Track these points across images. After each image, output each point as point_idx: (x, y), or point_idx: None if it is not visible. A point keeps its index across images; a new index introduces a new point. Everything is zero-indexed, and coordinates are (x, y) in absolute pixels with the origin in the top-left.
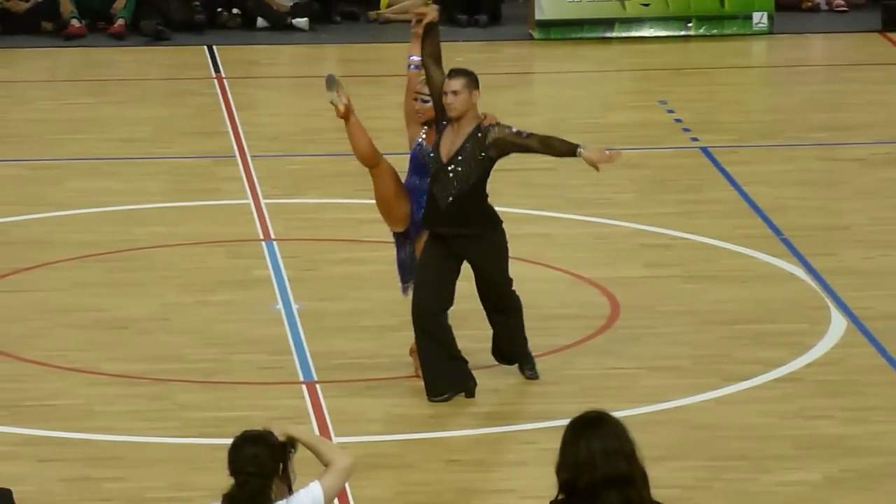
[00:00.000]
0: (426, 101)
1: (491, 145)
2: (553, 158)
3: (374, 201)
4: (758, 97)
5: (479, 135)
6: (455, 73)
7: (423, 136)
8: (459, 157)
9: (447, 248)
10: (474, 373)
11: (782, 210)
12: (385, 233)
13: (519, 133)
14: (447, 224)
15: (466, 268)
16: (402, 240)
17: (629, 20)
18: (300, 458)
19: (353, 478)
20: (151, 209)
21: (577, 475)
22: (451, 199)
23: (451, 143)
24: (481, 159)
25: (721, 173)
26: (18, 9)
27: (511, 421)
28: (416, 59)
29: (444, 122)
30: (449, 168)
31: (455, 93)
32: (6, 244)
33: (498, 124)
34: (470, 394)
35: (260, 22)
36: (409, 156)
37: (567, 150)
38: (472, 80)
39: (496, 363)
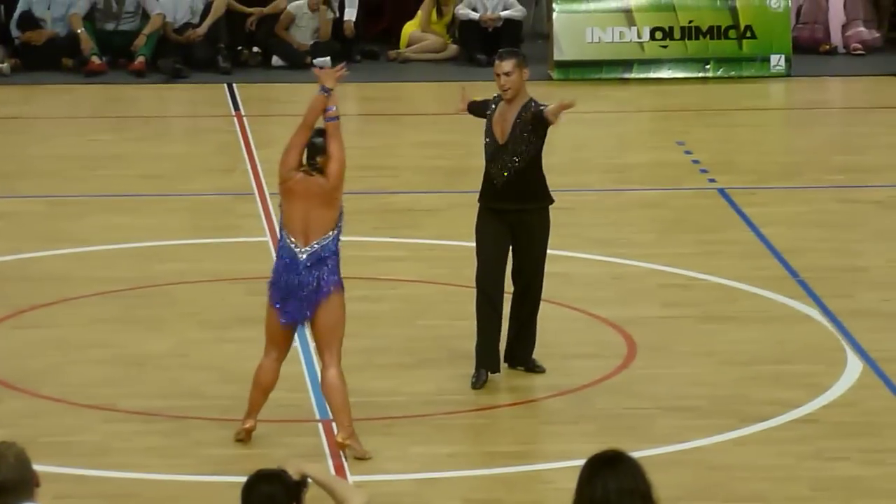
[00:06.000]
0: (509, 74)
1: (536, 118)
2: (571, 197)
3: (391, 239)
4: (775, 139)
5: (528, 112)
6: (504, 54)
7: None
8: (515, 134)
9: (501, 222)
10: (492, 412)
11: (800, 251)
12: (402, 271)
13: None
14: (505, 200)
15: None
16: None
17: (648, 61)
18: (314, 496)
19: None
20: (171, 245)
21: None
22: (506, 174)
23: (504, 122)
24: (533, 131)
25: (738, 214)
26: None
27: (528, 460)
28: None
29: (493, 106)
30: (507, 146)
31: (507, 74)
32: (25, 280)
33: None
34: (494, 369)
35: (276, 60)
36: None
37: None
38: (521, 59)
39: (510, 403)
